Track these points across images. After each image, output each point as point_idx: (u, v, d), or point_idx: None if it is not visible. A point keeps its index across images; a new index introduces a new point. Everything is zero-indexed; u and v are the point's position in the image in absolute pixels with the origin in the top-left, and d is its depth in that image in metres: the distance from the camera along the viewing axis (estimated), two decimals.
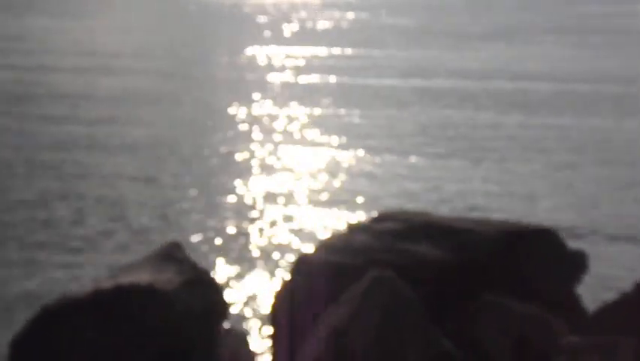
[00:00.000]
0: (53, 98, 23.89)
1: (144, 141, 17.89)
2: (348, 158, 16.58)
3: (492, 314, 6.87)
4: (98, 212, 13.00)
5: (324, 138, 18.34)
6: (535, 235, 7.35)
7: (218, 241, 11.73)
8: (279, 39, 40.38)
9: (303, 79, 27.46)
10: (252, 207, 13.31)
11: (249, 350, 7.34)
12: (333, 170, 15.61)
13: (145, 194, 13.89)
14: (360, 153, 16.99)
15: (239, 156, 16.65)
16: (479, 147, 17.26)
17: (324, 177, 15.04)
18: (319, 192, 14.18)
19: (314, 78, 27.57)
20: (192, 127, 19.60)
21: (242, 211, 13.12)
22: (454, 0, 70.07)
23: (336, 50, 35.48)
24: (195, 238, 11.85)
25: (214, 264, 10.84)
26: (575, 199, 13.63)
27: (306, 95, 24.27)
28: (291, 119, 20.53)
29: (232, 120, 20.52)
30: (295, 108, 22.07)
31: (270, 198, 13.86)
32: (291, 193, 14.11)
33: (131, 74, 28.59)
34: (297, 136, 18.49)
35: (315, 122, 20.19)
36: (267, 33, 43.21)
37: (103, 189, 14.24)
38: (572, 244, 9.46)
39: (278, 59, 32.73)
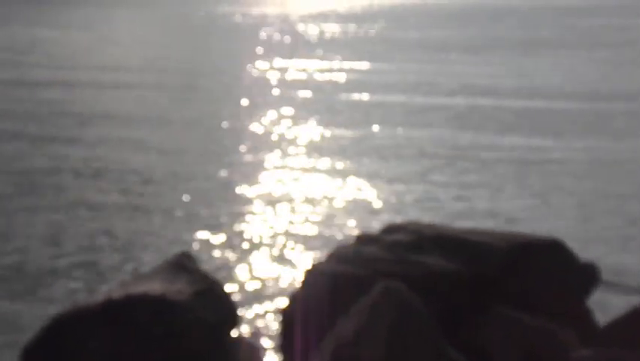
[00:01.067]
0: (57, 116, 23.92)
1: (144, 165, 17.54)
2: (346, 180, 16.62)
3: (500, 325, 6.88)
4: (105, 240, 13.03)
5: (332, 160, 18.35)
6: (544, 247, 7.35)
7: (228, 252, 11.76)
8: (275, 53, 40.45)
9: (301, 94, 27.50)
10: (257, 218, 13.35)
11: None
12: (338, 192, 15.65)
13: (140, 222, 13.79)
14: (363, 175, 17.02)
15: (239, 178, 16.68)
16: (487, 168, 17.15)
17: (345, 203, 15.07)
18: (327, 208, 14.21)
19: (316, 94, 27.61)
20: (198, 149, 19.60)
21: (247, 223, 13.15)
22: (455, 12, 70.18)
23: (351, 65, 35.54)
24: (209, 247, 11.88)
25: (224, 275, 10.84)
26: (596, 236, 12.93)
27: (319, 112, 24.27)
28: (295, 138, 20.55)
29: (237, 139, 20.55)
30: (295, 127, 22.10)
31: (272, 204, 13.90)
32: (297, 205, 14.15)
33: (139, 89, 28.62)
34: (308, 158, 18.43)
35: (329, 142, 20.19)
36: (262, 48, 43.25)
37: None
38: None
39: (273, 73, 32.77)
